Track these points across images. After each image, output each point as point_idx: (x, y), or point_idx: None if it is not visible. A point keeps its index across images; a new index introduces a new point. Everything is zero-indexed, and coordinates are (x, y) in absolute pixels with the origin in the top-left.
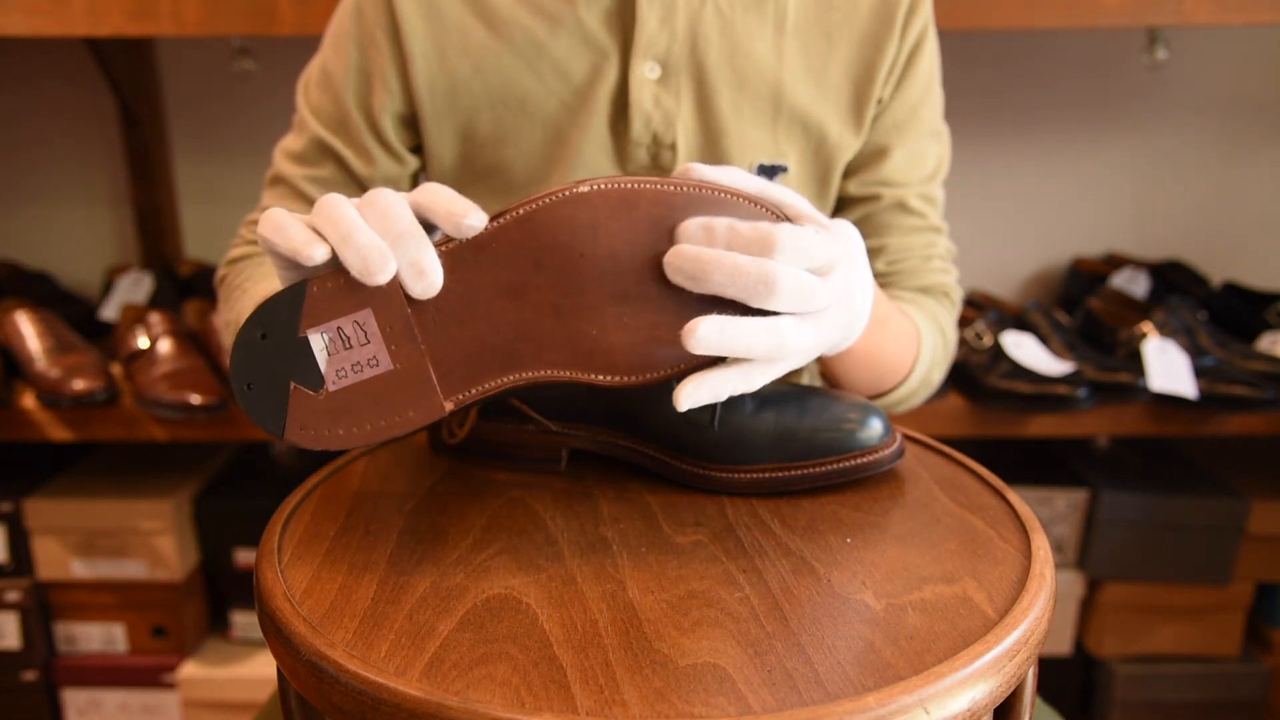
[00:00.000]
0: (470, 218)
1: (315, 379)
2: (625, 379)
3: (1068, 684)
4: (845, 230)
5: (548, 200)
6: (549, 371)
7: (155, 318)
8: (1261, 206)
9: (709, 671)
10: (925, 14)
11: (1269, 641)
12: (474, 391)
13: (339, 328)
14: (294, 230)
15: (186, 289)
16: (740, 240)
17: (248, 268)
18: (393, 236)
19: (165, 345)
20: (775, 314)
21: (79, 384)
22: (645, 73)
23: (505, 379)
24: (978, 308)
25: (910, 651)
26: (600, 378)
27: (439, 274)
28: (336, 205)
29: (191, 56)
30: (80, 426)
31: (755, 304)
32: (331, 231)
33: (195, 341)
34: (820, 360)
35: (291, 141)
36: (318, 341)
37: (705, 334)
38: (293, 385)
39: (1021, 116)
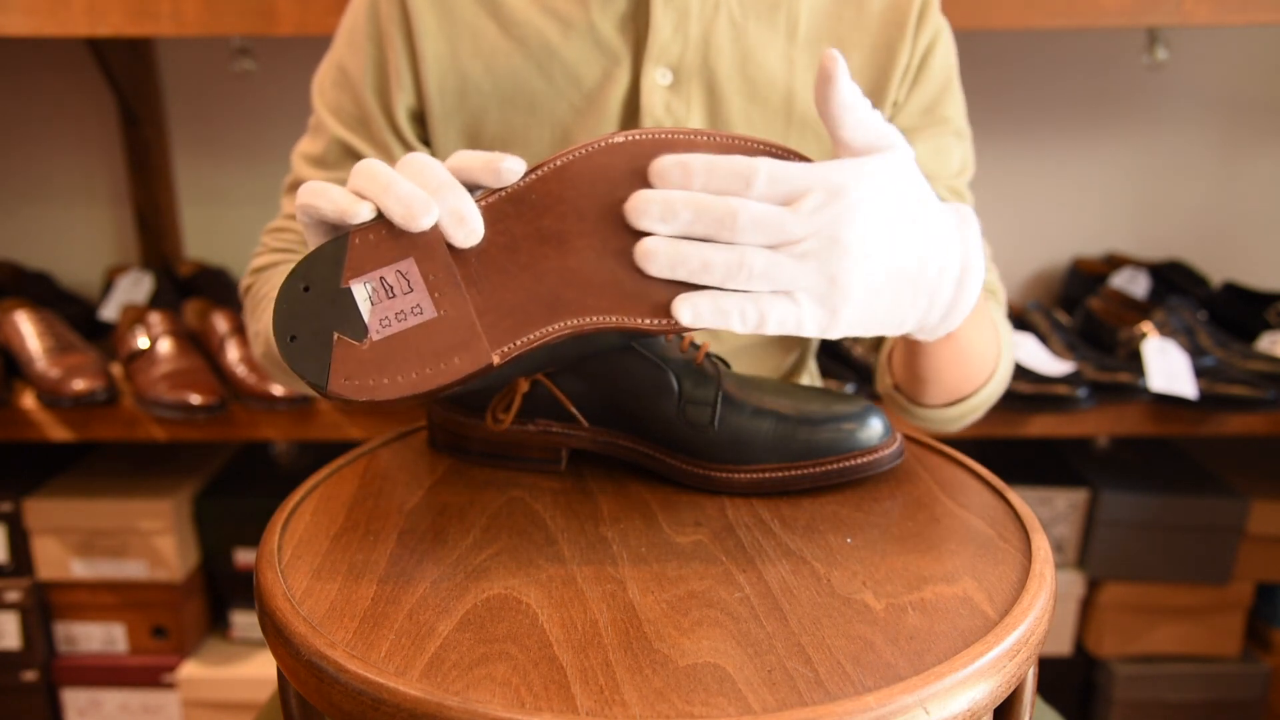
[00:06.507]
0: (508, 161)
1: (359, 329)
2: (671, 323)
3: (1068, 684)
4: (860, 168)
5: (585, 150)
6: (595, 318)
7: (155, 318)
8: (1261, 206)
9: (709, 671)
10: (936, 18)
11: (1269, 641)
12: (520, 342)
13: (381, 277)
14: (336, 192)
15: (186, 289)
16: (718, 175)
17: (273, 276)
18: (432, 188)
19: (165, 345)
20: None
21: (79, 384)
22: (657, 79)
23: (551, 328)
24: None
25: (910, 651)
26: (647, 322)
27: (479, 221)
28: (374, 164)
29: (191, 56)
30: (80, 426)
31: (723, 239)
32: (372, 185)
33: (195, 341)
34: (912, 353)
35: (309, 145)
36: (361, 292)
37: (653, 247)
38: (336, 336)
39: (1021, 116)
